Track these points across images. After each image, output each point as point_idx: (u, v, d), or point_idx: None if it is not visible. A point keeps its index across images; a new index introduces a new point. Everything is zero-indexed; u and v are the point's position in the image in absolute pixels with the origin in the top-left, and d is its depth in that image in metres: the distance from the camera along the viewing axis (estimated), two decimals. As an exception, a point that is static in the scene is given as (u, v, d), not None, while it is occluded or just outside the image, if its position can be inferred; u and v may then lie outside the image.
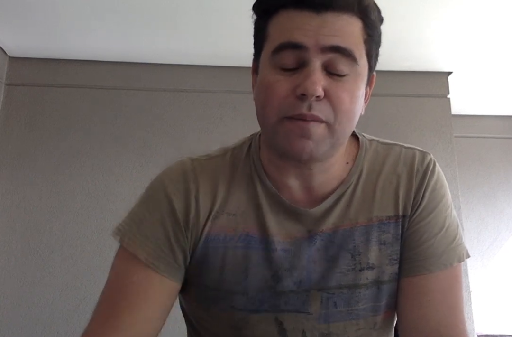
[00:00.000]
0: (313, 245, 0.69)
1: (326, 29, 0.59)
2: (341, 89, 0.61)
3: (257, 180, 0.72)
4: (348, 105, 0.61)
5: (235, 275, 0.69)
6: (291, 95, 0.61)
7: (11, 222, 2.32)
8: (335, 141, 0.64)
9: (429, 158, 0.73)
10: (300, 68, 0.61)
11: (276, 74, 0.62)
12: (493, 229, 3.34)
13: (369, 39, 0.63)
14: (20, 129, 2.43)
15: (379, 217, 0.70)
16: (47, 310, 2.22)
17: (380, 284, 0.70)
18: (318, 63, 0.59)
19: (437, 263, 0.69)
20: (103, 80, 2.53)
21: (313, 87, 0.58)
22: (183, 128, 2.50)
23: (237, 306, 0.70)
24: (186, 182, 0.71)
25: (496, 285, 3.23)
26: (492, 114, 3.38)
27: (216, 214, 0.70)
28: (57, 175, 2.39)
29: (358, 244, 0.69)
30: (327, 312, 0.69)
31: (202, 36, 2.24)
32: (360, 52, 0.61)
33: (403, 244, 0.71)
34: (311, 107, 0.60)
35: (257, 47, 0.68)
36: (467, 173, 3.24)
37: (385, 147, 0.76)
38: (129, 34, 2.22)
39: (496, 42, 2.26)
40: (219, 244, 0.70)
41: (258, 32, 0.67)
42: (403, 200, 0.71)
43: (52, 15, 2.04)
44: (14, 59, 2.49)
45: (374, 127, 2.51)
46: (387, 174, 0.72)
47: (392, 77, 2.59)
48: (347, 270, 0.69)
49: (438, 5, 1.94)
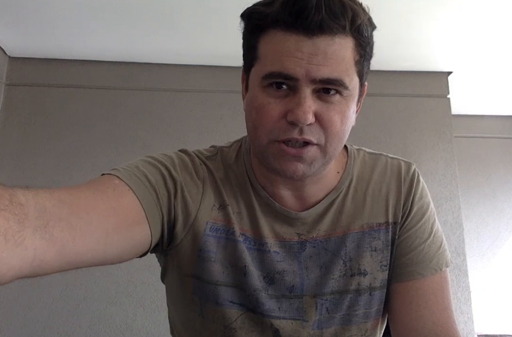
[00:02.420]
0: (303, 251, 0.71)
1: (318, 57, 0.58)
2: (332, 112, 0.61)
3: (249, 183, 0.73)
4: (339, 127, 0.62)
5: (236, 270, 0.69)
6: (282, 119, 0.61)
7: (11, 222, 2.32)
8: (327, 160, 0.66)
9: (413, 168, 0.77)
10: (292, 92, 0.61)
11: (267, 97, 0.62)
12: (493, 229, 3.34)
13: (361, 59, 0.62)
14: (20, 129, 2.43)
15: (369, 223, 0.72)
16: (47, 310, 2.22)
17: (372, 290, 0.71)
18: (309, 91, 0.59)
19: (428, 268, 0.72)
20: (103, 80, 2.52)
21: (304, 117, 0.59)
22: (183, 128, 2.50)
23: (236, 300, 0.69)
24: (196, 167, 0.71)
25: (496, 285, 3.23)
26: (492, 114, 3.38)
27: (221, 205, 0.71)
28: (57, 175, 2.38)
29: (350, 250, 0.71)
30: (320, 318, 0.70)
31: (202, 36, 2.24)
32: (351, 77, 0.61)
33: (395, 251, 0.72)
34: (303, 132, 0.61)
35: (246, 62, 0.67)
36: (467, 173, 3.24)
37: (372, 157, 0.78)
38: (129, 34, 2.22)
39: (496, 42, 2.26)
40: (222, 235, 0.70)
41: (248, 48, 0.66)
42: (393, 207, 0.73)
43: (52, 15, 2.04)
44: (14, 59, 2.49)
45: (374, 127, 2.51)
46: (376, 182, 0.74)
47: (392, 77, 2.59)
48: (339, 276, 0.70)
49: (438, 5, 1.94)
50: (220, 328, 0.70)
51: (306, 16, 0.56)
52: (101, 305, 2.25)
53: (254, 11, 0.62)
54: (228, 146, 0.78)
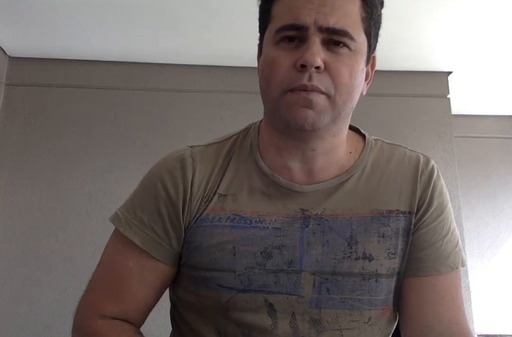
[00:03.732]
0: (306, 226, 0.70)
1: (326, 8, 0.62)
2: (340, 63, 0.64)
3: (252, 161, 0.74)
4: (347, 79, 0.65)
5: (223, 254, 0.70)
6: (292, 68, 0.64)
7: (11, 222, 2.32)
8: (336, 115, 0.67)
9: (432, 163, 0.77)
10: (302, 43, 0.64)
11: (278, 50, 0.65)
12: (493, 229, 3.34)
13: (368, 17, 0.66)
14: (20, 129, 2.43)
15: (379, 209, 0.72)
16: (47, 310, 2.22)
17: (378, 277, 0.70)
18: (318, 39, 0.63)
19: (445, 265, 0.72)
20: (103, 80, 2.53)
21: (312, 58, 0.62)
22: (183, 128, 2.49)
23: (224, 284, 0.69)
24: (183, 169, 0.74)
25: (496, 285, 3.23)
26: (492, 114, 3.38)
27: (208, 196, 0.72)
28: (57, 175, 2.39)
29: (356, 233, 0.70)
30: (319, 297, 0.69)
31: (202, 36, 2.24)
32: (357, 31, 0.65)
33: (413, 244, 0.72)
34: (312, 78, 0.63)
35: (261, 29, 0.71)
36: (467, 173, 3.23)
37: (390, 147, 0.79)
38: (129, 34, 2.22)
39: (496, 42, 2.26)
40: (207, 223, 0.71)
41: (263, 14, 0.70)
42: (407, 196, 0.73)
43: (52, 15, 2.04)
44: (14, 59, 2.49)
45: (374, 127, 2.49)
46: (392, 172, 0.75)
47: (392, 77, 2.59)
48: (343, 257, 0.70)
49: (438, 5, 1.94)
50: (215, 310, 0.71)
51: None
52: (101, 305, 2.24)
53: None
54: (237, 132, 0.80)
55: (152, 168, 0.77)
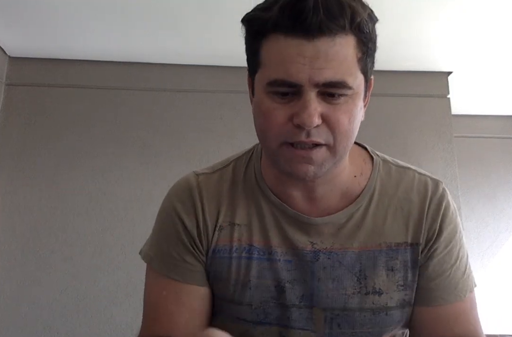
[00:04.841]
0: (317, 261, 0.70)
1: (320, 61, 0.58)
2: (339, 112, 0.61)
3: (259, 190, 0.74)
4: (347, 126, 0.62)
5: (240, 286, 0.71)
6: (288, 122, 0.61)
7: (11, 222, 2.32)
8: (338, 160, 0.66)
9: (442, 187, 0.74)
10: (297, 96, 0.60)
11: (272, 102, 0.62)
12: (493, 229, 3.33)
13: (364, 56, 0.62)
14: (20, 129, 2.43)
15: (387, 243, 0.71)
16: (47, 310, 2.22)
17: (388, 310, 0.70)
18: (313, 94, 0.59)
19: (453, 294, 0.71)
20: (103, 80, 2.52)
21: (310, 120, 0.59)
22: (183, 128, 2.49)
23: (242, 317, 0.71)
24: (192, 199, 0.74)
25: (496, 285, 3.23)
26: (492, 114, 3.38)
27: (221, 225, 0.73)
28: (57, 175, 2.38)
29: (365, 268, 0.70)
30: (331, 332, 0.70)
31: (202, 36, 2.24)
32: (354, 76, 0.61)
33: (422, 274, 0.71)
34: (310, 134, 0.61)
35: (250, 67, 0.67)
36: (467, 173, 3.23)
37: (398, 170, 0.76)
38: (129, 34, 2.22)
39: (496, 42, 2.26)
40: (225, 255, 0.72)
41: (251, 54, 0.66)
42: (414, 227, 0.71)
43: (52, 15, 2.03)
44: (14, 59, 2.49)
45: (374, 127, 2.51)
46: (400, 199, 0.73)
47: (392, 77, 2.59)
48: (353, 293, 0.69)
49: (438, 5, 1.94)
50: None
51: (304, 19, 0.56)
52: (101, 305, 2.25)
53: (254, 16, 0.62)
54: (241, 156, 0.79)
55: (164, 200, 0.78)
